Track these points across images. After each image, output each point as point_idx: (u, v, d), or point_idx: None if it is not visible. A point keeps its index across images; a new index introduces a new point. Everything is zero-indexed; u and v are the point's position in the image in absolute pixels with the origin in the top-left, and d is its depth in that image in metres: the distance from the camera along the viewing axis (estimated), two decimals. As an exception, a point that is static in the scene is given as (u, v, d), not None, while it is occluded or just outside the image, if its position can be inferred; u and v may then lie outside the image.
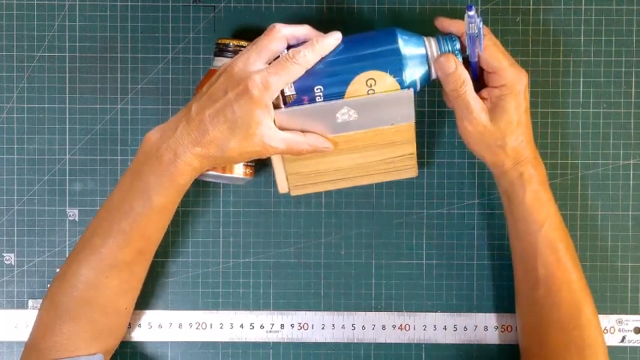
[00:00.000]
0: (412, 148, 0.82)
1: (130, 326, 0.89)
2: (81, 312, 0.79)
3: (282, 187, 0.84)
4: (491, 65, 0.79)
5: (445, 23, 0.81)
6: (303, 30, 0.78)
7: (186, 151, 0.75)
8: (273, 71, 0.74)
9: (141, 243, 0.79)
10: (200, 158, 0.76)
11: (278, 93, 0.75)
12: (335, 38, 0.78)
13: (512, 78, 0.79)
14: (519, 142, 0.80)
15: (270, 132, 0.76)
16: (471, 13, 0.74)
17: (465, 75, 0.78)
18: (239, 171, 0.85)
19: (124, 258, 0.79)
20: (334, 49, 0.78)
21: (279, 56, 0.77)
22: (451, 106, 0.82)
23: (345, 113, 0.78)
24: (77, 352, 0.79)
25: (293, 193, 0.85)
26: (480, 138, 0.80)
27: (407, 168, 0.84)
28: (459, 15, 0.89)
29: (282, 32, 0.77)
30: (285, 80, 0.75)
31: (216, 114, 0.75)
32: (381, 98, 0.78)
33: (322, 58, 0.77)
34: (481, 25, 0.76)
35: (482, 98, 0.80)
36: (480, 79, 0.82)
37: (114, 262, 0.78)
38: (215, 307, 0.90)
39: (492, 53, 0.79)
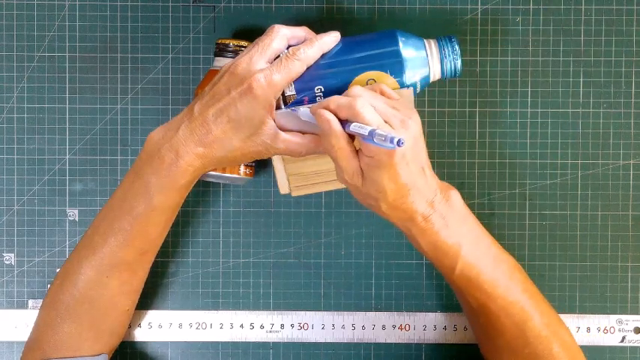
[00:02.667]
0: (413, 148, 0.82)
1: (130, 326, 0.89)
2: (82, 311, 0.79)
3: (284, 188, 0.84)
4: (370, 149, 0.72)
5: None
6: (302, 31, 0.78)
7: (188, 151, 0.75)
8: (275, 70, 0.74)
9: (142, 243, 0.79)
10: (202, 158, 0.76)
11: (281, 91, 0.76)
12: (333, 36, 0.78)
13: (381, 151, 0.71)
14: (399, 204, 0.74)
15: (272, 132, 0.76)
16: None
17: (337, 141, 0.72)
18: (239, 171, 0.85)
19: (125, 258, 0.79)
20: (335, 50, 0.78)
21: (279, 56, 0.77)
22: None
23: (345, 113, 0.78)
24: (80, 351, 0.79)
25: (294, 194, 0.85)
26: (355, 192, 0.76)
27: (408, 167, 0.84)
28: (457, 15, 0.89)
29: (283, 32, 0.77)
30: (287, 78, 0.75)
31: (220, 113, 0.75)
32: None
33: (323, 59, 0.78)
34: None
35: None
36: None
37: (115, 262, 0.78)
38: (215, 307, 0.90)
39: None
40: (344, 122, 0.72)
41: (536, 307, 0.79)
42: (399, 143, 0.64)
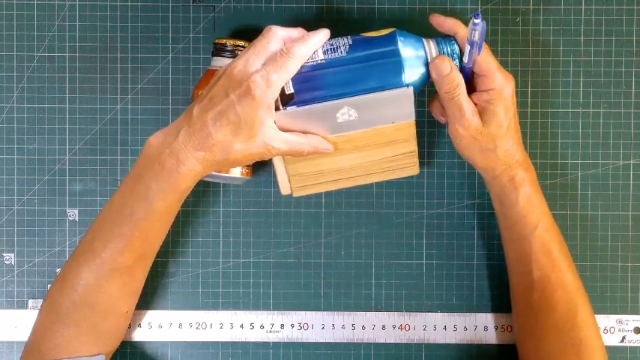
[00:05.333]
0: (413, 146, 0.82)
1: (130, 326, 0.89)
2: (81, 315, 0.79)
3: (285, 188, 0.84)
4: (483, 68, 0.80)
5: (439, 20, 0.81)
6: (297, 32, 0.78)
7: (188, 156, 0.75)
8: (272, 69, 0.74)
9: (142, 247, 0.79)
10: (203, 162, 0.76)
11: (279, 91, 0.75)
12: (323, 34, 0.78)
13: (501, 82, 0.79)
14: (509, 146, 0.80)
15: (273, 132, 0.76)
16: (477, 21, 0.74)
17: (459, 78, 0.78)
18: (237, 171, 0.85)
19: (125, 262, 0.78)
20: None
21: None
22: (436, 114, 0.83)
23: (345, 113, 0.78)
24: (78, 353, 0.79)
25: (295, 194, 0.85)
26: (472, 142, 0.80)
27: (408, 166, 0.84)
28: (457, 16, 0.89)
29: (279, 33, 0.77)
30: (284, 76, 0.75)
31: (219, 117, 0.74)
32: (381, 97, 0.78)
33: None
34: (484, 33, 0.76)
35: None
36: (470, 83, 0.82)
37: (115, 267, 0.78)
38: (215, 307, 0.90)
39: (484, 56, 0.80)
40: None
41: (585, 295, 0.82)
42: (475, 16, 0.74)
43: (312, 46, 0.77)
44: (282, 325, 0.90)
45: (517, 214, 0.82)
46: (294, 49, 0.76)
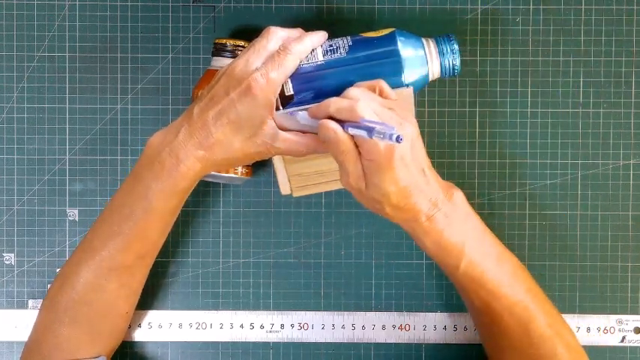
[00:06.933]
0: (413, 147, 0.82)
1: (130, 326, 0.89)
2: (80, 314, 0.79)
3: (285, 188, 0.84)
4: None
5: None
6: (296, 32, 0.78)
7: (188, 155, 0.75)
8: (270, 67, 0.74)
9: (141, 247, 0.79)
10: (203, 161, 0.76)
11: (279, 89, 0.75)
12: (322, 35, 0.79)
13: (379, 154, 0.71)
14: (403, 205, 0.74)
15: (273, 132, 0.76)
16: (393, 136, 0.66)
17: (346, 144, 0.72)
18: (237, 171, 0.85)
19: (124, 261, 0.78)
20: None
21: None
22: None
23: (345, 113, 0.78)
24: (78, 354, 0.79)
25: (296, 195, 0.85)
26: (360, 196, 0.76)
27: (408, 167, 0.84)
28: (457, 15, 0.89)
29: (279, 34, 0.77)
30: (283, 73, 0.75)
31: (219, 115, 0.75)
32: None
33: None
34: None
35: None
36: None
37: (113, 266, 0.78)
38: (215, 307, 0.90)
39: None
40: (342, 123, 0.72)
41: (540, 307, 0.79)
42: (397, 139, 0.64)
43: (309, 43, 0.77)
44: (282, 325, 0.90)
45: (433, 257, 0.78)
46: (290, 45, 0.76)
